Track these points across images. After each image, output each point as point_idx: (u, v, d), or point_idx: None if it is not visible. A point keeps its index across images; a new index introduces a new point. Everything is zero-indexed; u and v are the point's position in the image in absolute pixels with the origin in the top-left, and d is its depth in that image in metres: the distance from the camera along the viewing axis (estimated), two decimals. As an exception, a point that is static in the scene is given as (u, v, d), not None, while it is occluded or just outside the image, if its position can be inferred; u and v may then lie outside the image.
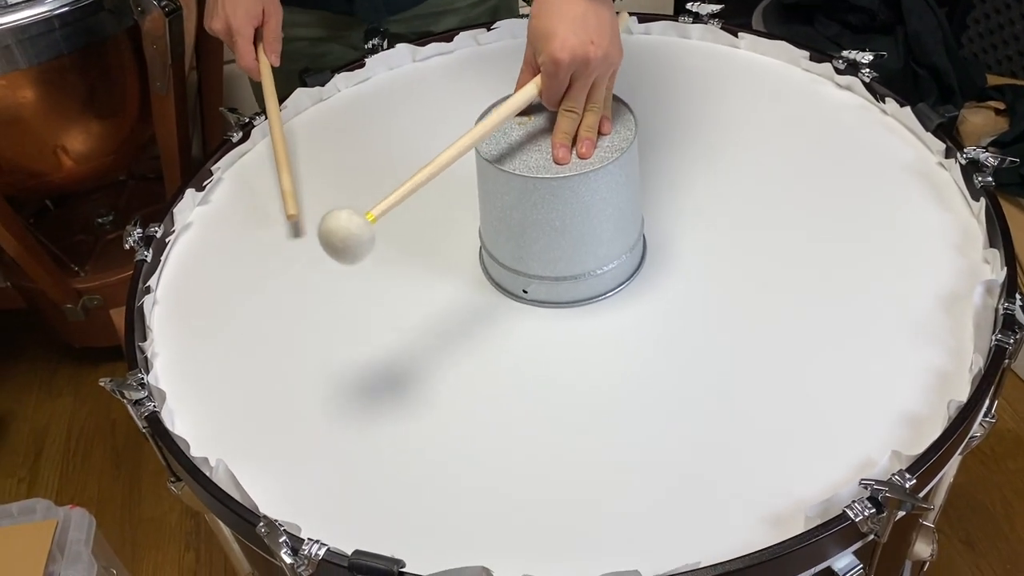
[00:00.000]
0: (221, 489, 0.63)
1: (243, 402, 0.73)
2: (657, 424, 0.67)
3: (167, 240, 0.88)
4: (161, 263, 0.86)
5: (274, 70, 1.00)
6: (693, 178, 0.88)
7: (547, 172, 0.70)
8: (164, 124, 1.42)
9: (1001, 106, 1.59)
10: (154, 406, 0.70)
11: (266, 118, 1.00)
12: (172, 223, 0.89)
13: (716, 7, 1.06)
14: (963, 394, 0.64)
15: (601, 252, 0.75)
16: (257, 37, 0.99)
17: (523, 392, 0.71)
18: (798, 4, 1.64)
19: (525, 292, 0.78)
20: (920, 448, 0.60)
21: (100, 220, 1.72)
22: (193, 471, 0.65)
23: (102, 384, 0.70)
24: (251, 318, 0.80)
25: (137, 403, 0.70)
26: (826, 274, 0.77)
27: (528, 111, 0.75)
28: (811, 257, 0.79)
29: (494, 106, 0.76)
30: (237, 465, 0.65)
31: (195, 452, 0.67)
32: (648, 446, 0.65)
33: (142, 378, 0.71)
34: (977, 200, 0.79)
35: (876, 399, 0.67)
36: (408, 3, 1.15)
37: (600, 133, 0.73)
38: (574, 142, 0.72)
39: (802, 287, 0.76)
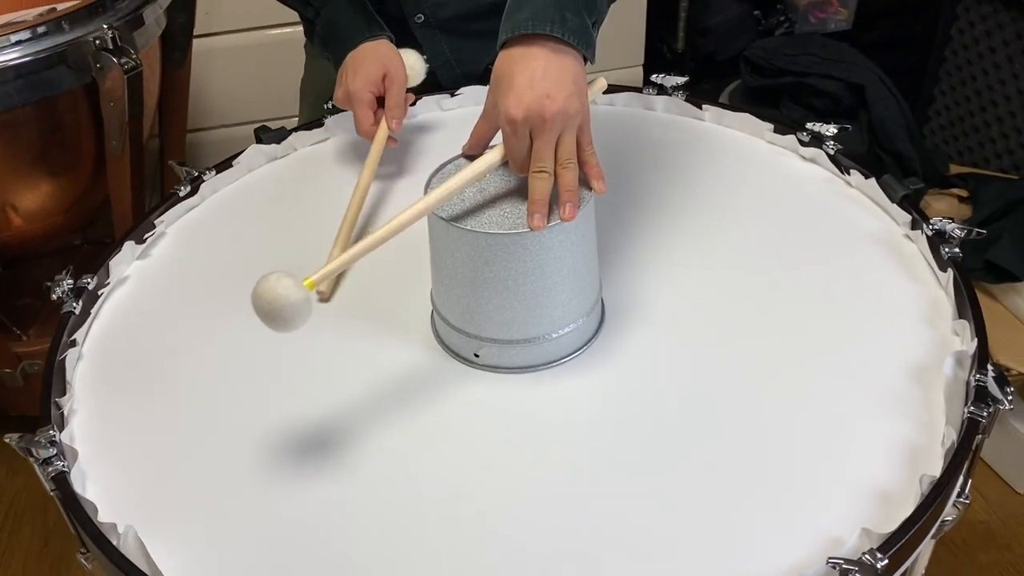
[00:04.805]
0: (127, 559, 0.57)
1: (166, 467, 0.67)
2: (610, 497, 0.62)
3: (100, 293, 0.83)
4: (91, 317, 0.81)
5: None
6: (656, 247, 0.85)
7: (498, 228, 0.67)
8: (118, 184, 1.38)
9: (964, 193, 1.60)
10: (63, 466, 0.64)
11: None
12: (107, 275, 0.84)
13: (681, 79, 1.06)
14: (935, 469, 0.60)
15: (556, 314, 0.71)
16: (381, 105, 0.95)
17: (472, 462, 0.66)
18: (763, 87, 1.66)
19: (477, 356, 0.73)
20: (891, 526, 0.56)
21: (49, 284, 1.66)
22: (98, 538, 0.59)
23: (7, 440, 0.64)
24: (182, 380, 0.75)
25: (45, 462, 0.64)
26: (791, 344, 0.74)
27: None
28: (775, 327, 0.76)
29: (447, 165, 0.74)
30: (153, 533, 0.60)
31: (105, 518, 0.61)
32: (601, 521, 0.60)
33: (53, 436, 0.65)
34: (945, 271, 0.77)
35: (843, 473, 0.62)
36: None
37: (591, 190, 0.69)
38: (551, 208, 0.67)
39: (766, 357, 0.73)
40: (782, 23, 2.07)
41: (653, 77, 1.07)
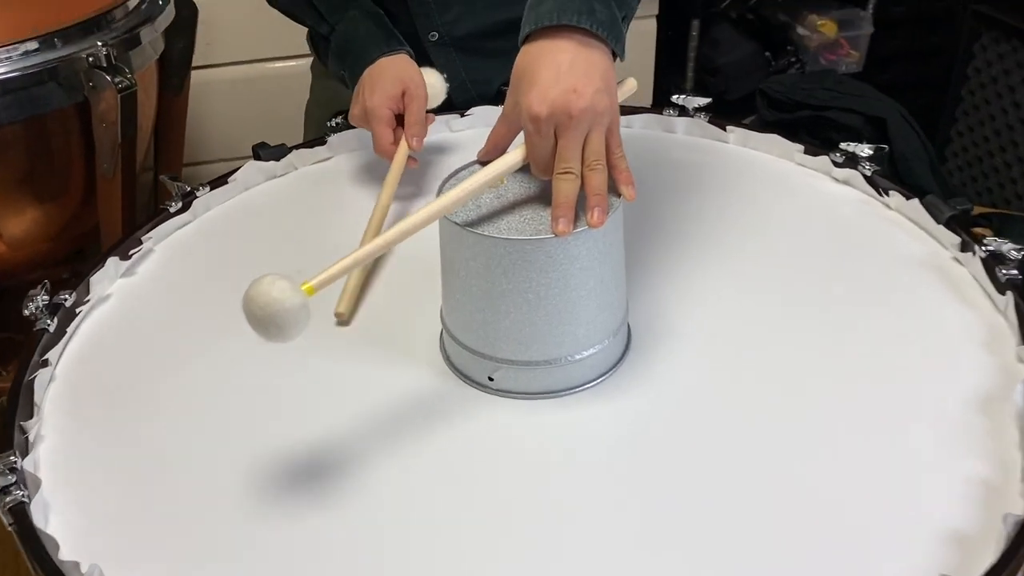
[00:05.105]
0: (90, 603, 0.49)
1: (141, 501, 0.60)
2: (640, 543, 0.55)
3: (78, 311, 0.76)
4: (67, 336, 0.74)
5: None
6: (683, 270, 0.79)
7: (519, 234, 0.61)
8: (109, 211, 1.32)
9: (988, 233, 1.54)
10: (23, 495, 0.56)
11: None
12: (87, 292, 0.78)
13: (704, 100, 1.01)
14: (1016, 507, 0.53)
15: (580, 333, 0.65)
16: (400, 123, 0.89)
17: (484, 497, 0.59)
18: (780, 122, 1.61)
19: (491, 379, 0.66)
20: (975, 572, 0.48)
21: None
22: (58, 578, 0.51)
23: (-40, 466, 0.57)
24: (165, 407, 0.68)
25: (3, 491, 0.56)
26: (839, 374, 0.67)
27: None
28: (818, 355, 0.69)
29: (461, 171, 0.68)
30: (124, 573, 0.52)
31: (68, 555, 0.53)
32: (628, 568, 0.53)
33: (14, 462, 0.58)
34: (1003, 294, 0.70)
35: (911, 515, 0.55)
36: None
37: (619, 196, 0.63)
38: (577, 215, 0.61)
39: (810, 387, 0.66)
40: (792, 64, 2.04)
41: (674, 98, 1.02)
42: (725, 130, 0.99)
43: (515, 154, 0.64)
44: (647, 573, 0.53)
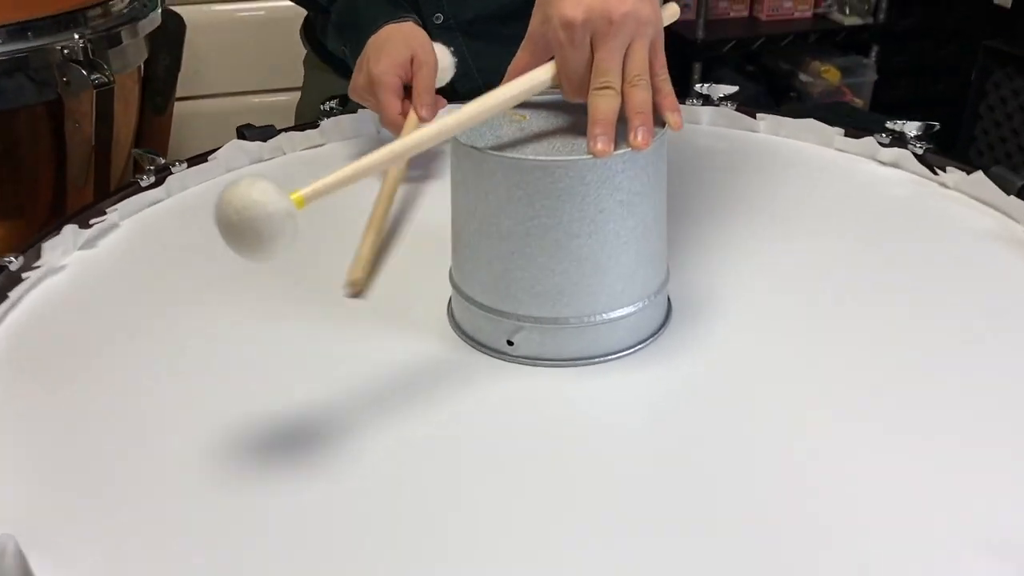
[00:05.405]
0: (-3, 578, 0.38)
1: (78, 472, 0.49)
2: (677, 540, 0.44)
3: (24, 276, 0.65)
4: (9, 302, 0.63)
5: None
6: (724, 251, 0.69)
7: (547, 156, 0.51)
8: (79, 226, 1.22)
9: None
10: (-73, 457, 0.45)
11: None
12: (37, 257, 0.67)
13: (730, 88, 0.93)
14: None
15: (617, 287, 0.54)
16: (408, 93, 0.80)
17: (499, 480, 0.48)
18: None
19: (510, 343, 0.56)
20: None
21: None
22: (-41, 550, 0.39)
23: None
24: (115, 379, 0.57)
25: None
26: (908, 359, 0.57)
27: (524, 107, 0.57)
28: (885, 335, 0.59)
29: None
30: (44, 547, 0.40)
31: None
32: (662, 568, 0.42)
33: (-78, 419, 0.47)
34: (1101, 257, 0.61)
35: (1009, 531, 0.45)
36: None
37: (664, 124, 0.54)
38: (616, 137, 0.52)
39: (879, 372, 0.56)
40: (796, 110, 1.99)
41: (697, 87, 0.94)
42: (755, 118, 0.91)
43: (544, 69, 0.55)
44: (669, 558, 0.42)
